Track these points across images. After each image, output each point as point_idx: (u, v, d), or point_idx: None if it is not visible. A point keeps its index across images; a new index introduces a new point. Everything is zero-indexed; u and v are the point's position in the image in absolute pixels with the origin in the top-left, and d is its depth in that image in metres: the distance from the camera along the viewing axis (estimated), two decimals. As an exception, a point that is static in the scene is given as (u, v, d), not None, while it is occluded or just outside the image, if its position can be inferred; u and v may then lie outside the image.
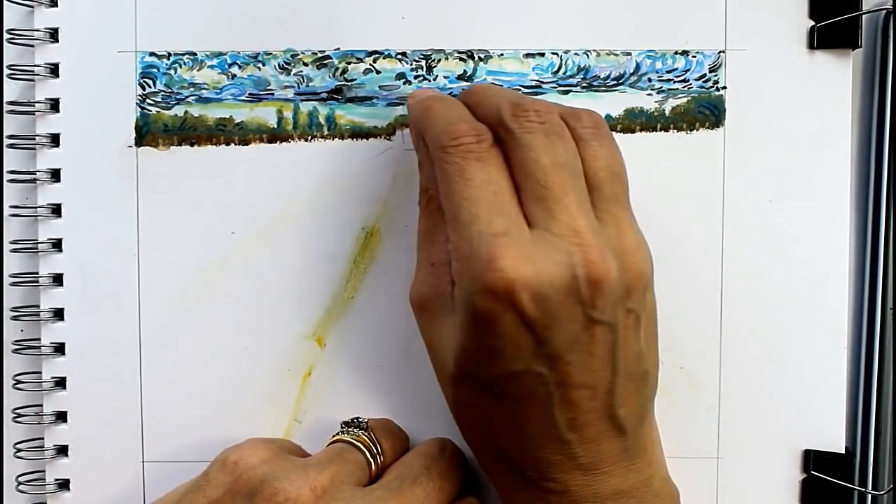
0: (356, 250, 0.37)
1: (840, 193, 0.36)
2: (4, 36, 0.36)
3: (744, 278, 0.37)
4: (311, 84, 0.37)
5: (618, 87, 0.37)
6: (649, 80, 0.36)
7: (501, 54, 0.37)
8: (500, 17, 0.36)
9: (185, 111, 0.37)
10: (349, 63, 0.37)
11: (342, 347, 0.37)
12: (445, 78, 0.37)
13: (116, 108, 0.37)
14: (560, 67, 0.37)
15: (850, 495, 0.36)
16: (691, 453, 0.37)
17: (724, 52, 0.36)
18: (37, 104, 0.36)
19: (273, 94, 0.37)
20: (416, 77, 0.37)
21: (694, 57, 0.36)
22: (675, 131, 0.37)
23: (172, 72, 0.37)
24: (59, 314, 0.37)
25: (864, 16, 0.36)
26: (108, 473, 0.37)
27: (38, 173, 0.36)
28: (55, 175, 0.37)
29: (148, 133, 0.37)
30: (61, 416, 0.37)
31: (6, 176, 0.37)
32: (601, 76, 0.37)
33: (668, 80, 0.36)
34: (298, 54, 0.37)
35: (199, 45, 0.37)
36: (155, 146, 0.37)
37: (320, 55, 0.37)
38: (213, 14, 0.36)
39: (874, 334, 0.36)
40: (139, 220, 0.37)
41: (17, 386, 0.37)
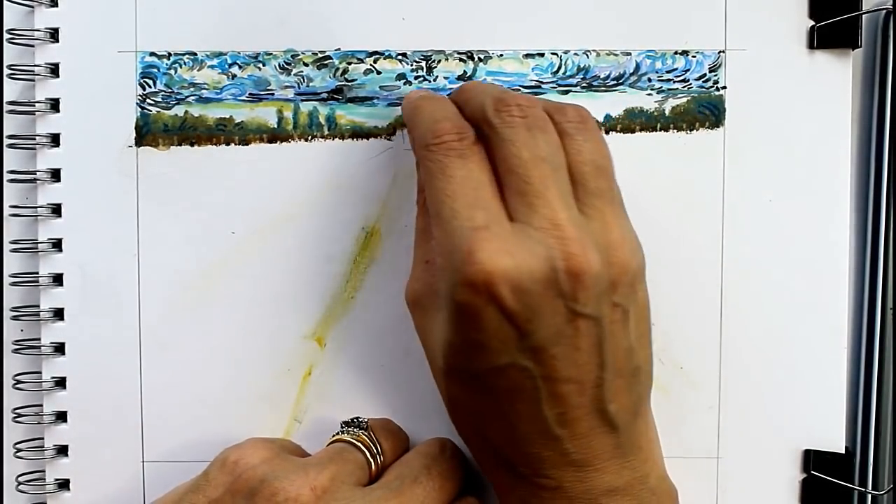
0: (356, 250, 0.37)
1: (840, 193, 0.36)
2: (4, 36, 0.36)
3: (744, 278, 0.37)
4: (311, 84, 0.37)
5: (618, 87, 0.37)
6: (649, 80, 0.36)
7: (501, 55, 0.37)
8: (500, 18, 0.36)
9: (186, 111, 0.37)
10: (349, 63, 0.37)
11: (342, 347, 0.37)
12: (445, 78, 0.37)
13: (116, 108, 0.37)
14: (560, 67, 0.37)
15: (850, 495, 0.36)
16: (691, 453, 0.37)
17: (724, 52, 0.36)
18: (37, 104, 0.36)
19: (273, 95, 0.37)
20: (416, 78, 0.37)
21: (694, 57, 0.36)
22: (675, 131, 0.37)
23: (173, 72, 0.37)
24: (59, 314, 0.37)
25: (864, 16, 0.36)
26: (108, 473, 0.37)
27: (38, 173, 0.36)
28: (55, 175, 0.37)
29: (148, 133, 0.37)
30: (61, 416, 0.37)
31: (6, 176, 0.37)
32: (601, 76, 0.37)
33: (668, 80, 0.36)
34: (299, 54, 0.37)
35: (200, 45, 0.37)
36: (155, 146, 0.37)
37: (321, 55, 0.37)
38: (213, 14, 0.36)
39: (874, 334, 0.36)
40: (139, 220, 0.37)
41: (17, 386, 0.37)
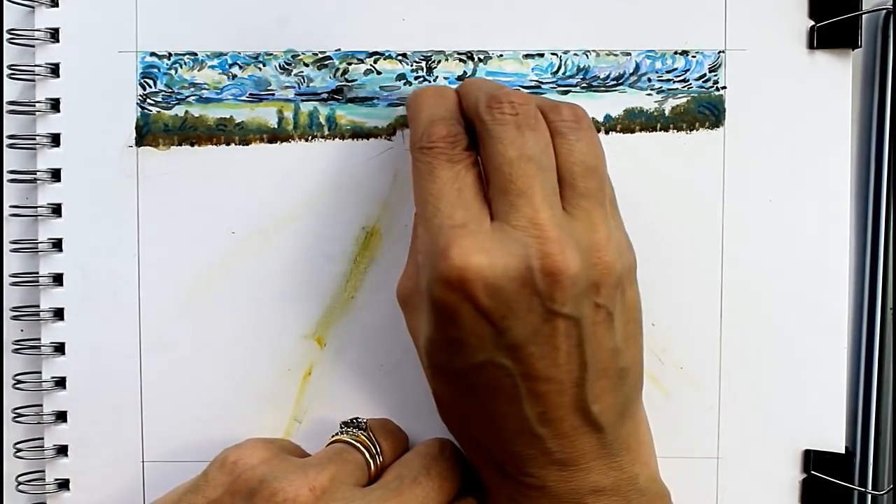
0: (356, 250, 0.37)
1: (840, 193, 0.36)
2: (5, 36, 0.36)
3: (744, 278, 0.37)
4: (311, 84, 0.37)
5: (617, 88, 0.37)
6: (649, 80, 0.36)
7: (501, 55, 0.37)
8: (500, 18, 0.36)
9: (186, 111, 0.37)
10: (350, 64, 0.37)
11: (342, 347, 0.37)
12: (445, 79, 0.37)
13: (117, 108, 0.37)
14: (559, 68, 0.37)
15: (850, 495, 0.36)
16: (691, 453, 0.37)
17: (724, 52, 0.36)
18: (37, 104, 0.36)
19: (274, 95, 0.37)
20: (416, 78, 0.37)
21: (694, 57, 0.36)
22: (675, 131, 0.37)
23: (173, 72, 0.37)
24: (59, 314, 0.37)
25: (864, 16, 0.36)
26: (108, 473, 0.37)
27: (38, 173, 0.37)
28: (55, 175, 0.37)
29: (148, 133, 0.37)
30: (61, 416, 0.37)
31: (6, 176, 0.37)
32: (601, 76, 0.37)
33: (668, 80, 0.36)
34: (299, 55, 0.37)
35: (200, 46, 0.37)
36: (155, 146, 0.37)
37: (321, 56, 0.37)
38: (213, 14, 0.36)
39: (874, 334, 0.36)
40: (139, 220, 0.37)
41: (17, 386, 0.37)
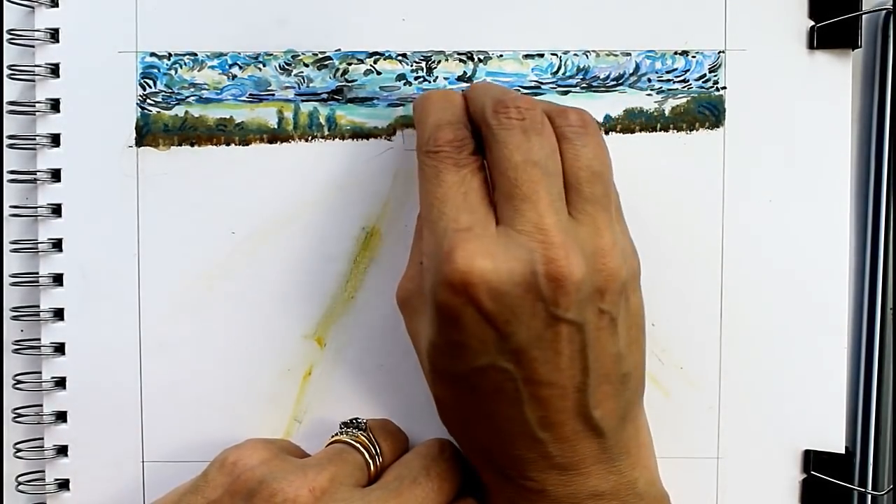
0: (356, 250, 0.37)
1: (840, 193, 0.36)
2: (5, 36, 0.36)
3: (744, 278, 0.37)
4: (311, 85, 0.37)
5: (617, 88, 0.37)
6: (649, 80, 0.36)
7: (501, 55, 0.37)
8: (500, 19, 0.36)
9: (186, 111, 0.37)
10: (350, 64, 0.37)
11: (342, 347, 0.37)
12: (445, 79, 0.37)
13: (117, 108, 0.37)
14: (559, 68, 0.37)
15: (850, 495, 0.36)
16: (691, 453, 0.37)
17: (723, 52, 0.36)
18: (37, 104, 0.36)
19: (273, 95, 0.37)
20: (416, 78, 0.37)
21: (694, 57, 0.36)
22: (675, 131, 0.37)
23: (173, 72, 0.37)
24: (59, 314, 0.37)
25: (864, 16, 0.36)
26: (108, 473, 0.37)
27: (38, 173, 0.37)
28: (55, 175, 0.37)
29: (148, 133, 0.37)
30: (61, 416, 0.37)
31: (6, 176, 0.37)
32: (601, 76, 0.37)
33: (668, 80, 0.36)
34: (299, 55, 0.37)
35: (200, 46, 0.37)
36: (155, 146, 0.37)
37: (321, 56, 0.37)
38: (213, 14, 0.36)
39: (874, 334, 0.36)
40: (139, 220, 0.37)
41: (17, 386, 0.37)
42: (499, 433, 0.31)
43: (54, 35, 0.36)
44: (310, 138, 0.37)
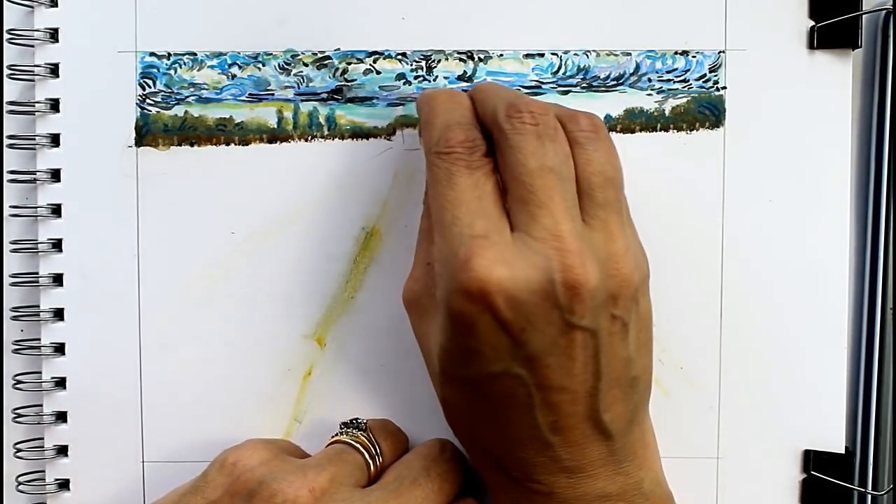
0: (356, 250, 0.37)
1: (840, 193, 0.36)
2: (4, 36, 0.36)
3: (744, 278, 0.37)
4: (311, 84, 0.37)
5: (618, 88, 0.37)
6: (649, 80, 0.36)
7: (501, 55, 0.37)
8: (500, 18, 0.36)
9: (185, 111, 0.37)
10: (349, 63, 0.37)
11: (342, 347, 0.37)
12: (445, 78, 0.37)
13: (116, 108, 0.37)
14: (560, 68, 0.37)
15: (850, 495, 0.36)
16: (691, 453, 0.37)
17: (724, 52, 0.36)
18: (37, 104, 0.36)
19: (273, 95, 0.37)
20: (416, 77, 0.37)
21: (694, 57, 0.36)
22: (675, 131, 0.37)
23: (172, 72, 0.37)
24: (59, 314, 0.37)
25: (864, 16, 0.36)
26: (108, 473, 0.37)
27: (38, 173, 0.36)
28: (55, 175, 0.37)
29: (148, 133, 0.37)
30: (61, 416, 0.37)
31: (6, 176, 0.37)
32: (601, 76, 0.37)
33: (668, 80, 0.36)
34: (298, 55, 0.37)
35: (199, 46, 0.37)
36: (155, 146, 0.37)
37: (320, 55, 0.37)
38: (213, 14, 0.36)
39: (874, 334, 0.36)
40: (139, 220, 0.37)
41: (17, 386, 0.37)
42: (508, 437, 0.31)
43: (54, 35, 0.36)
44: (309, 138, 0.37)
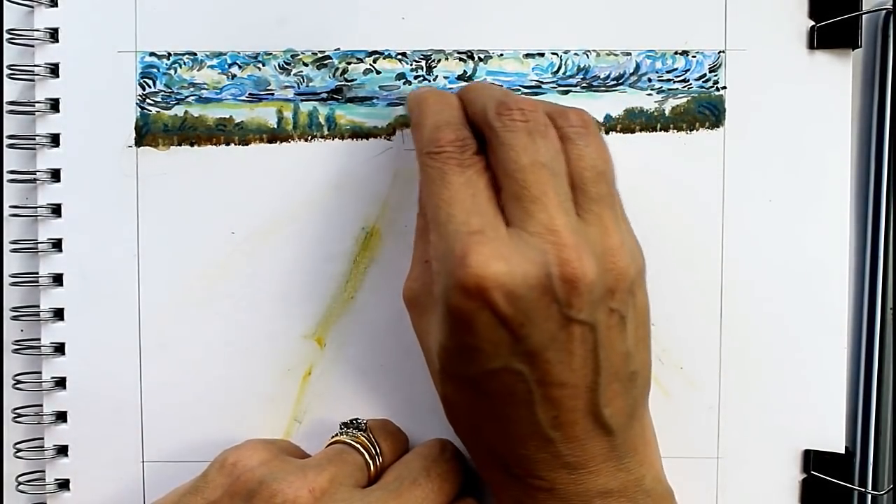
0: (356, 250, 0.37)
1: (840, 193, 0.36)
2: (4, 36, 0.36)
3: (744, 278, 0.37)
4: (311, 84, 0.37)
5: (618, 87, 0.37)
6: (649, 80, 0.36)
7: (501, 54, 0.37)
8: (500, 18, 0.36)
9: (185, 111, 0.37)
10: (349, 63, 0.37)
11: (342, 347, 0.37)
12: (445, 78, 0.37)
13: (116, 108, 0.37)
14: (560, 67, 0.36)
15: (850, 495, 0.36)
16: (691, 453, 0.37)
17: (724, 52, 0.36)
18: (37, 104, 0.36)
19: (273, 95, 0.37)
20: (415, 77, 0.37)
21: (694, 57, 0.36)
22: (675, 131, 0.37)
23: (172, 72, 0.37)
24: (59, 314, 0.37)
25: (864, 16, 0.36)
26: (108, 473, 0.37)
27: (38, 173, 0.36)
28: (55, 175, 0.37)
29: (148, 133, 0.37)
30: (61, 416, 0.37)
31: (6, 176, 0.37)
32: (601, 76, 0.37)
33: (668, 80, 0.36)
34: (298, 54, 0.37)
35: (199, 45, 0.37)
36: (155, 146, 0.37)
37: (320, 55, 0.37)
38: (213, 14, 0.36)
39: (874, 334, 0.36)
40: (139, 220, 0.37)
41: (17, 386, 0.37)
42: (509, 433, 0.31)
43: (54, 35, 0.36)
44: (309, 138, 0.37)
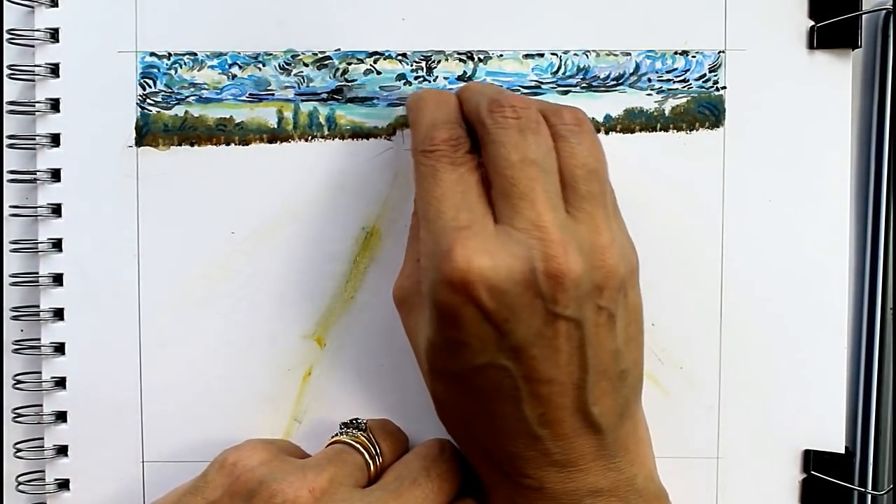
0: (356, 250, 0.37)
1: (840, 193, 0.36)
2: (4, 36, 0.36)
3: (744, 278, 0.37)
4: (311, 84, 0.37)
5: (617, 88, 0.37)
6: (649, 80, 0.36)
7: (501, 55, 0.37)
8: (500, 18, 0.36)
9: (186, 111, 0.37)
10: (349, 64, 0.37)
11: (342, 347, 0.37)
12: (445, 79, 0.37)
13: (117, 108, 0.37)
14: (559, 68, 0.37)
15: (850, 495, 0.36)
16: (691, 453, 0.37)
17: (724, 52, 0.36)
18: (37, 104, 0.36)
19: (273, 95, 0.37)
20: (416, 78, 0.37)
21: (694, 57, 0.36)
22: (675, 131, 0.37)
23: (173, 72, 0.37)
24: (59, 314, 0.37)
25: (864, 16, 0.36)
26: (108, 473, 0.37)
27: (38, 173, 0.37)
28: (55, 175, 0.37)
29: (148, 133, 0.37)
30: (61, 416, 0.37)
31: (6, 176, 0.37)
32: (601, 76, 0.37)
33: (668, 80, 0.36)
34: (299, 55, 0.37)
35: (200, 46, 0.37)
36: (155, 146, 0.37)
37: (321, 56, 0.37)
38: (213, 14, 0.36)
39: (874, 334, 0.36)
40: (139, 220, 0.37)
41: (17, 386, 0.37)
42: (497, 431, 0.31)
43: (54, 35, 0.36)
44: (309, 138, 0.37)
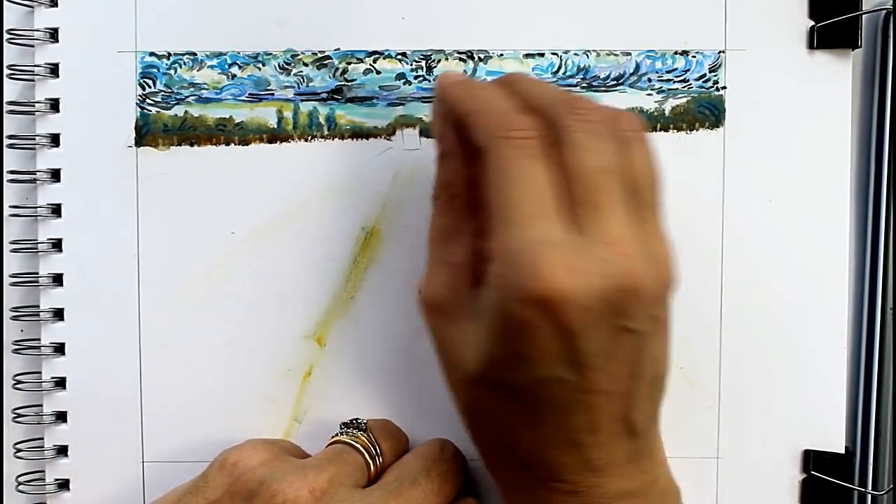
0: (356, 250, 0.37)
1: (840, 193, 0.36)
2: (4, 36, 0.36)
3: (744, 278, 0.37)
4: (311, 84, 0.37)
5: (618, 87, 0.37)
6: (649, 80, 0.36)
7: (501, 54, 0.37)
8: (500, 18, 0.36)
9: (185, 111, 0.37)
10: (349, 63, 0.37)
11: (342, 347, 0.37)
12: (445, 78, 0.37)
13: (116, 108, 0.37)
14: (560, 67, 0.36)
15: (850, 495, 0.36)
16: (691, 453, 0.37)
17: (724, 52, 0.36)
18: (37, 104, 0.36)
19: (273, 95, 0.37)
20: (415, 77, 0.37)
21: (694, 57, 0.36)
22: (675, 131, 0.37)
23: (172, 72, 0.37)
24: (59, 314, 0.37)
25: (864, 16, 0.36)
26: (108, 473, 0.37)
27: (38, 173, 0.36)
28: (55, 175, 0.37)
29: (148, 133, 0.37)
30: (61, 416, 0.37)
31: (6, 176, 0.37)
32: (601, 76, 0.37)
33: (668, 80, 0.36)
34: (298, 54, 0.37)
35: (199, 45, 0.37)
36: (155, 146, 0.37)
37: (320, 55, 0.37)
38: (213, 14, 0.36)
39: (874, 334, 0.36)
40: (139, 220, 0.37)
41: (17, 386, 0.37)
42: (539, 438, 0.30)
43: (54, 35, 0.36)
44: (309, 138, 0.37)
